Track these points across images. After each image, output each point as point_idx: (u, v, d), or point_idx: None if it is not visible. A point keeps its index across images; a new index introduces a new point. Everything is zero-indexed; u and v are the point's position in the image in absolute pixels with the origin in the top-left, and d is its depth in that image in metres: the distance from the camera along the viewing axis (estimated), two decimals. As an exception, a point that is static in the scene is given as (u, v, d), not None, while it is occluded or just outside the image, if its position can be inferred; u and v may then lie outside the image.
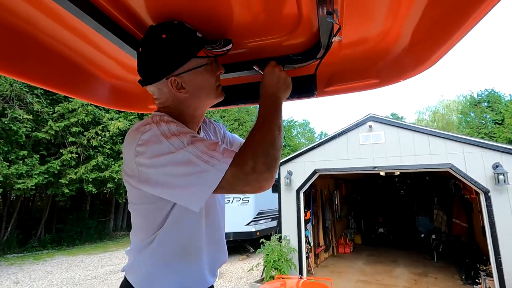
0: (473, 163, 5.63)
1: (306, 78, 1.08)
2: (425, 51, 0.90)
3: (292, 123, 38.11)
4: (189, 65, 0.80)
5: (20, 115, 10.43)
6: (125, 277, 0.86)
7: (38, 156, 11.38)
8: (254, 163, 0.70)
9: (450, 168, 5.76)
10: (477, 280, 6.18)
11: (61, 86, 1.05)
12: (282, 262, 6.38)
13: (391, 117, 37.21)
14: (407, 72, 1.01)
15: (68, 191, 12.24)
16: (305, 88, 1.09)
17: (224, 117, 22.82)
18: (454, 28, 0.73)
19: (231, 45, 0.84)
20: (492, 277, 5.31)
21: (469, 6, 0.65)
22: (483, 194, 5.46)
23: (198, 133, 0.95)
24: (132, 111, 1.57)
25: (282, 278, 4.17)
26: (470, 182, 5.64)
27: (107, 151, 13.36)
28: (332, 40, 0.87)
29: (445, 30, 0.78)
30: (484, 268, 6.01)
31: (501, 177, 5.18)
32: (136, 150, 0.71)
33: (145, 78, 0.82)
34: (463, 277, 6.79)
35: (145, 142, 0.70)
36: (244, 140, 1.23)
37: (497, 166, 5.30)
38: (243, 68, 1.04)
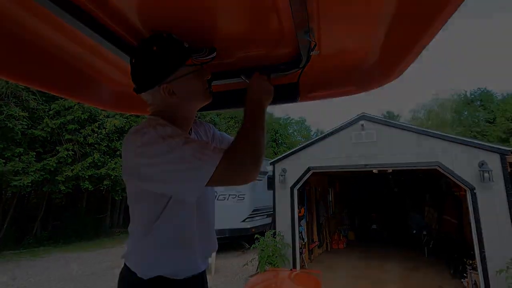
0: (460, 161, 5.82)
1: (290, 85, 1.21)
2: (391, 65, 1.04)
3: (288, 121, 38.11)
4: (178, 73, 0.88)
5: (16, 113, 10.43)
6: (125, 264, 0.95)
7: (34, 153, 11.38)
8: (242, 158, 0.80)
9: (438, 166, 5.94)
10: (464, 275, 6.38)
11: (67, 91, 1.17)
12: (276, 257, 6.54)
13: (387, 115, 37.55)
14: (378, 81, 1.16)
15: (64, 188, 12.26)
16: (289, 94, 1.22)
17: (220, 114, 22.89)
18: (412, 47, 0.88)
19: (215, 53, 0.94)
20: (477, 270, 5.52)
21: (421, 30, 0.80)
22: (469, 191, 5.65)
23: (190, 133, 1.05)
24: (133, 114, 1.69)
25: (275, 270, 4.32)
26: (457, 180, 5.82)
27: (104, 148, 13.39)
28: (310, 54, 1.01)
29: (404, 49, 0.93)
30: (471, 262, 6.21)
31: (486, 174, 5.37)
32: (136, 151, 0.79)
33: (139, 86, 0.91)
34: (451, 271, 7.01)
35: (144, 144, 0.78)
36: (232, 138, 1.37)
37: (482, 164, 5.49)
38: (233, 76, 1.17)
